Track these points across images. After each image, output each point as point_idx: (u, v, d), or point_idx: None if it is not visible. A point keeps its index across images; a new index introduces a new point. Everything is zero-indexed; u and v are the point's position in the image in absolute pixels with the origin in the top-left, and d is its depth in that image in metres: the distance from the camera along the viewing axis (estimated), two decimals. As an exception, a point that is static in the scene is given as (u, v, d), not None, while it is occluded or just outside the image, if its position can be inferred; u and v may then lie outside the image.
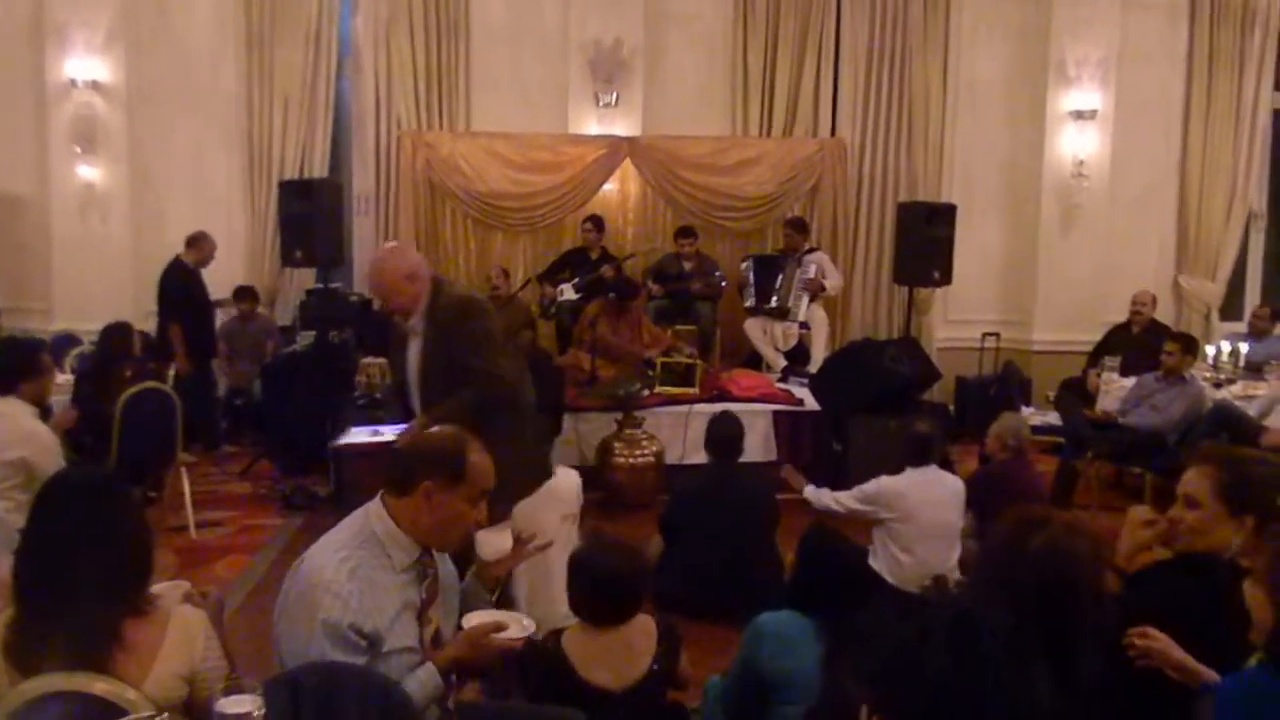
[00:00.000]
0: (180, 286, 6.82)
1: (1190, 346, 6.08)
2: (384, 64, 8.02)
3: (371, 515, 2.24)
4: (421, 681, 2.19)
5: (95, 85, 7.43)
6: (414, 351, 3.72)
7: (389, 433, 4.55)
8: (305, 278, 7.87)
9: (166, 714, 1.73)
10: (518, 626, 2.37)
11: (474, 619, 2.40)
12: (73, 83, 7.40)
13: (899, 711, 1.23)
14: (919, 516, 4.24)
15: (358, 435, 5.35)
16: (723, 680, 2.93)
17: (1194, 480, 2.33)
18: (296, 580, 2.16)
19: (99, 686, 1.79)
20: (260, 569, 4.83)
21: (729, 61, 8.24)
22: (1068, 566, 1.90)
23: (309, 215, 6.52)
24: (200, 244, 6.99)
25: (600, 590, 2.72)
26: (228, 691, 1.65)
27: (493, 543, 3.01)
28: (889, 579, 4.27)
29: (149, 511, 4.60)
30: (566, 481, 4.31)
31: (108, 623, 1.87)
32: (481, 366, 3.57)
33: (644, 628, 2.74)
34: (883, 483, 4.36)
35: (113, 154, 7.56)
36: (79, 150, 7.47)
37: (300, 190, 6.74)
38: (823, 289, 7.55)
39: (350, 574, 2.12)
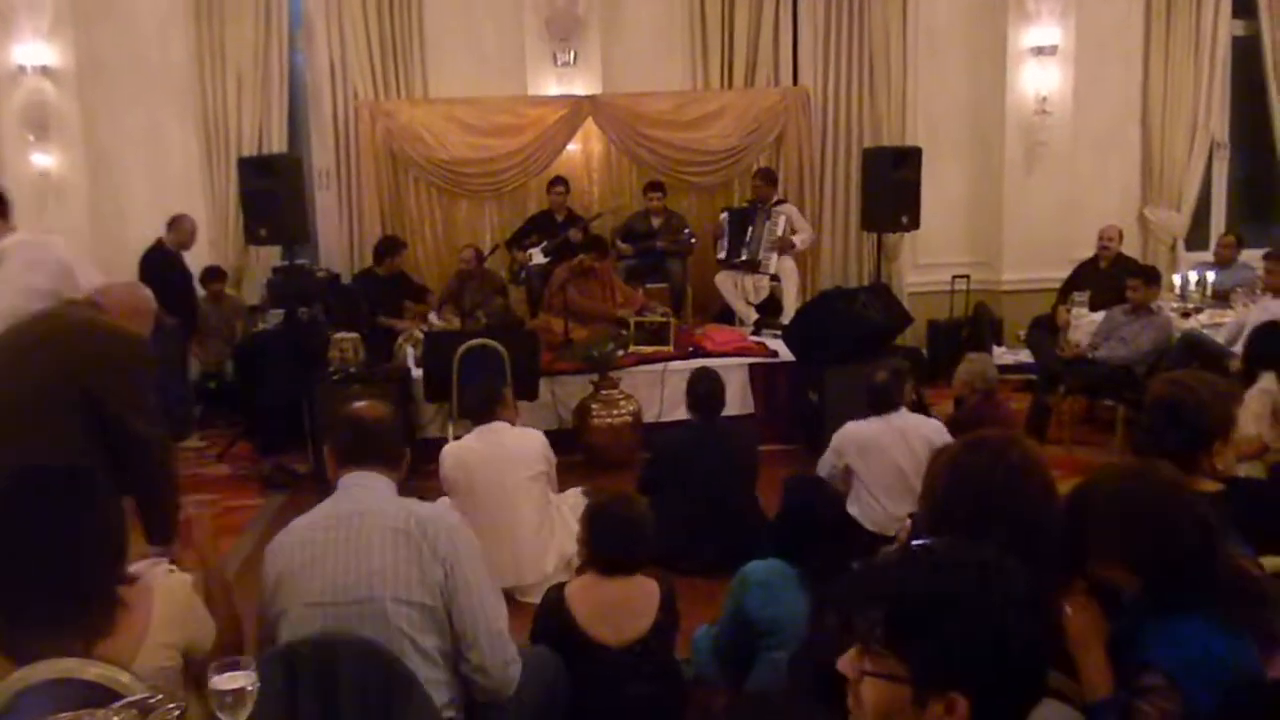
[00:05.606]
0: (160, 270, 6.72)
1: (1152, 279, 6.15)
2: (336, 34, 7.85)
3: (386, 489, 2.32)
4: None
5: (45, 70, 7.26)
6: None
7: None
8: (270, 255, 7.78)
9: (161, 695, 1.73)
10: None
11: None
12: (21, 69, 7.23)
13: (927, 664, 1.25)
14: (884, 461, 4.27)
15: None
16: (710, 630, 2.99)
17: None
18: (421, 531, 2.23)
19: (92, 671, 1.78)
20: (246, 548, 4.82)
21: (686, 13, 8.12)
22: (1042, 476, 1.94)
23: (271, 192, 6.43)
24: (178, 225, 6.91)
25: (617, 537, 2.81)
26: (220, 669, 1.66)
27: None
28: (866, 525, 4.32)
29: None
30: (523, 443, 4.32)
31: (102, 594, 1.87)
32: None
33: (646, 588, 2.81)
34: (845, 430, 4.42)
35: (66, 140, 7.40)
36: (32, 138, 7.31)
37: (260, 167, 6.64)
38: (793, 246, 7.54)
39: None
